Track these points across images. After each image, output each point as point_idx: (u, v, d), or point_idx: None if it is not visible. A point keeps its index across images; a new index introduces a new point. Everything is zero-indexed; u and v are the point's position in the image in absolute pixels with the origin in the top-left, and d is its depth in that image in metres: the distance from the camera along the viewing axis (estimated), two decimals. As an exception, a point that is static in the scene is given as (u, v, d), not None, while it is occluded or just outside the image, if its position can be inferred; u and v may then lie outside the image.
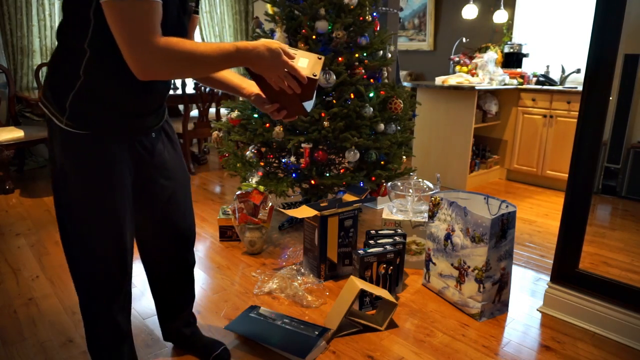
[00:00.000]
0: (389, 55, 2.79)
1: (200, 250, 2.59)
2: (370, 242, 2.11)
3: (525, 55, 4.29)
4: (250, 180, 2.57)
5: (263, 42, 1.10)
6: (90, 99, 1.08)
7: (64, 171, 1.12)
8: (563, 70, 4.09)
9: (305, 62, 1.16)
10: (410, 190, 2.43)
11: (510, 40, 4.53)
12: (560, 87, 3.84)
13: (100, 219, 1.16)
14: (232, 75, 1.37)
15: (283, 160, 2.72)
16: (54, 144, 1.13)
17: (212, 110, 4.59)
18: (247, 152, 2.71)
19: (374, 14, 2.70)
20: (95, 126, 1.10)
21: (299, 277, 2.20)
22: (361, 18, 2.58)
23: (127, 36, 0.96)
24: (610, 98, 1.75)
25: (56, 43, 1.11)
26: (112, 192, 1.15)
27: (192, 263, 1.56)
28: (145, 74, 1.00)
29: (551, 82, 4.02)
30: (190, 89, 4.25)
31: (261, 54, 1.09)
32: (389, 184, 2.57)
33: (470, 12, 4.66)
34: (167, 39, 1.00)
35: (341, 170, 2.78)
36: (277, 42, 1.11)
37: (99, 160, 1.13)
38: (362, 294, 1.95)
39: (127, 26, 0.95)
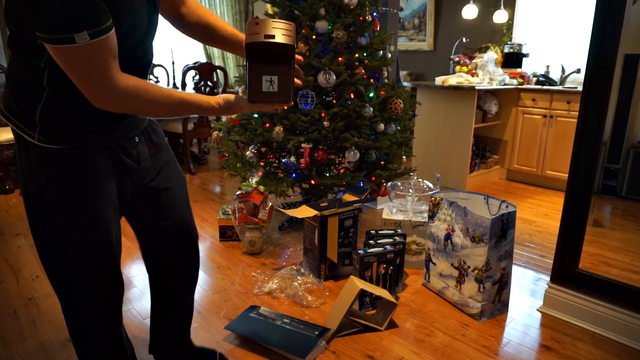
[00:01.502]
0: (389, 55, 2.79)
1: (200, 250, 2.58)
2: (370, 242, 2.11)
3: (525, 55, 4.29)
4: (250, 180, 2.57)
5: (223, 101, 1.09)
6: (61, 109, 1.00)
7: (40, 190, 1.04)
8: (563, 70, 4.09)
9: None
10: (410, 190, 2.43)
11: (510, 40, 4.53)
12: (560, 87, 3.84)
13: (86, 235, 1.09)
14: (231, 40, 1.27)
15: (283, 160, 2.72)
16: (25, 161, 1.04)
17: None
18: (247, 152, 2.71)
19: (374, 14, 2.70)
20: (70, 139, 1.03)
21: (299, 277, 2.20)
22: (361, 18, 2.58)
23: (80, 80, 0.91)
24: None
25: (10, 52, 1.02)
26: (96, 206, 1.08)
27: (197, 269, 1.47)
28: (100, 107, 0.97)
29: (551, 82, 4.02)
30: (190, 89, 4.25)
31: (226, 110, 1.10)
32: (389, 184, 2.57)
33: (470, 12, 4.66)
34: (128, 83, 0.95)
35: (341, 170, 2.78)
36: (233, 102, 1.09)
37: (79, 174, 1.05)
38: (362, 294, 1.95)
39: (79, 71, 0.90)
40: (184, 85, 4.06)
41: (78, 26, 0.84)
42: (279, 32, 1.01)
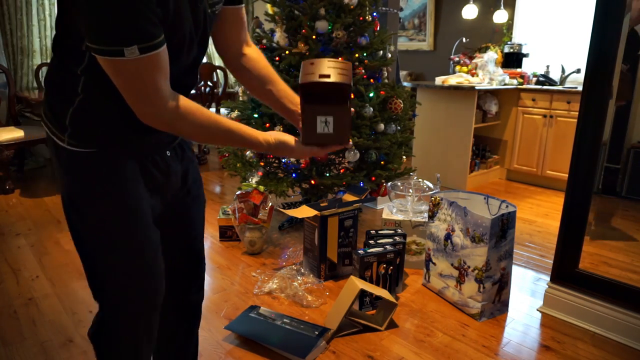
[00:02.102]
0: (389, 55, 2.79)
1: (200, 250, 2.59)
2: (370, 242, 2.11)
3: (525, 55, 4.29)
4: (250, 180, 2.57)
5: (274, 139, 1.05)
6: (92, 115, 0.99)
7: (75, 195, 1.02)
8: (563, 70, 4.09)
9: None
10: (410, 190, 2.43)
11: (510, 40, 4.53)
12: (560, 87, 3.84)
13: (127, 246, 1.04)
14: (288, 101, 1.21)
15: (283, 160, 2.72)
16: (59, 167, 1.03)
17: (212, 110, 4.59)
18: (247, 152, 2.71)
19: (374, 14, 2.70)
20: (100, 142, 1.00)
21: (299, 277, 2.20)
22: (361, 18, 2.58)
23: (128, 93, 0.90)
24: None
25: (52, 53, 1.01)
26: (126, 207, 1.04)
27: (201, 299, 1.35)
28: (146, 122, 0.94)
29: (551, 82, 4.02)
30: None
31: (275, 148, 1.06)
32: (389, 184, 2.57)
33: (470, 12, 4.66)
34: (177, 102, 0.93)
35: (341, 170, 2.78)
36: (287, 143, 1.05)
37: (111, 179, 1.02)
38: (362, 294, 1.95)
39: (127, 84, 0.88)
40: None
41: (129, 40, 0.82)
42: (335, 71, 0.98)
